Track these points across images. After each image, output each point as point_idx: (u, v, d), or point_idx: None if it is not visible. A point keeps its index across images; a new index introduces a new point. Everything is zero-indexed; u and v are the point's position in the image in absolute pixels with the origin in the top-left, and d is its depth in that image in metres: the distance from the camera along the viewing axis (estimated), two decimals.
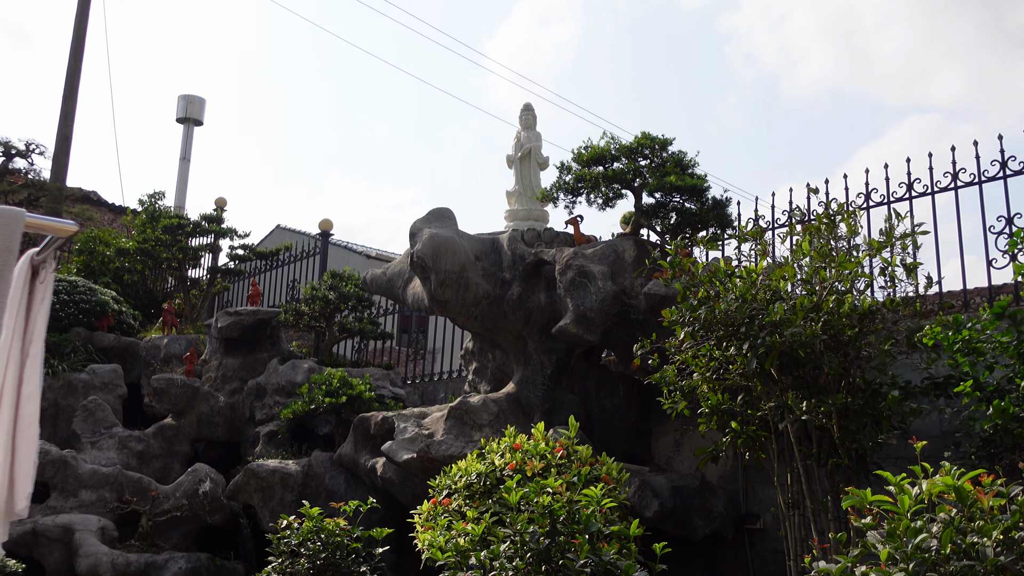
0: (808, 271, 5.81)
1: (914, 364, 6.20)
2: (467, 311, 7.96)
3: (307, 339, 13.80)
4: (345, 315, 11.70)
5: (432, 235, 7.78)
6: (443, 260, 7.70)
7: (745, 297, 5.62)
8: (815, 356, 5.32)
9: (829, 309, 5.44)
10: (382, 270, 9.15)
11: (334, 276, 11.64)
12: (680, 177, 7.57)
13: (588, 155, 7.99)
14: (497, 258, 8.17)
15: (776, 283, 5.69)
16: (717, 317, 5.62)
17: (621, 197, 8.06)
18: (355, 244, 21.65)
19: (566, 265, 7.53)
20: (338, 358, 11.73)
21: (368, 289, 9.41)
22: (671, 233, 7.85)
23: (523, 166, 9.03)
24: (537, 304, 7.98)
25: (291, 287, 14.00)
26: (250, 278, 14.79)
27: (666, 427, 8.20)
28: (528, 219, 8.81)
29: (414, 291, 8.47)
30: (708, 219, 7.70)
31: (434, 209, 8.33)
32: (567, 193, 8.13)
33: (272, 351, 11.40)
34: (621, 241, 7.75)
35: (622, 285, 7.38)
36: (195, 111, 21.85)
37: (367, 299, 11.59)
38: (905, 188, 7.73)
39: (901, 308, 5.42)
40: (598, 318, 7.31)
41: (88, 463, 9.62)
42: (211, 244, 14.58)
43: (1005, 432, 5.11)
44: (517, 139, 9.21)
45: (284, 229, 22.06)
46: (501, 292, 8.00)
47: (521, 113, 9.32)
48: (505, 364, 8.74)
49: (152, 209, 14.96)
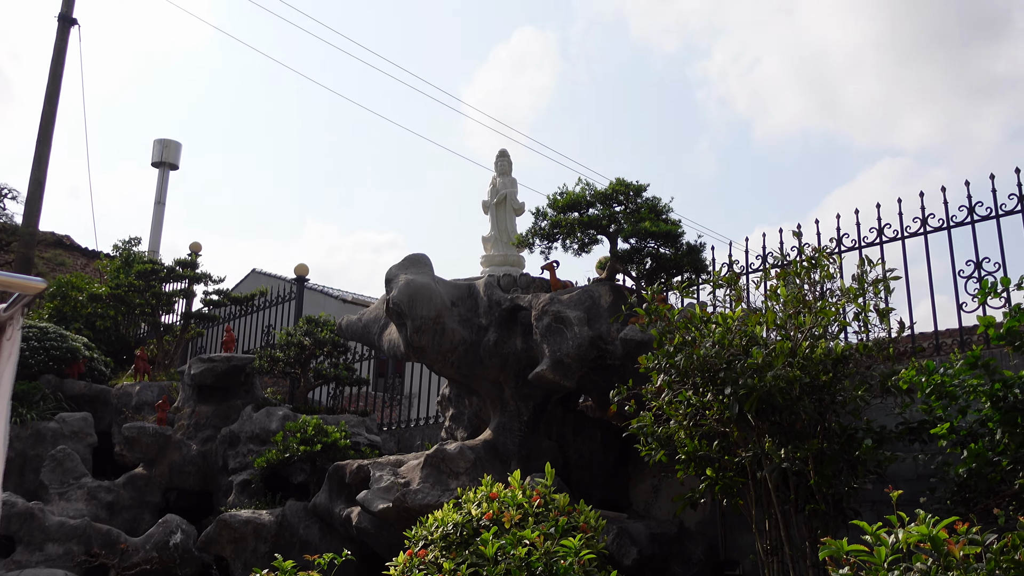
0: (783, 316, 5.86)
1: (888, 408, 6.24)
2: (443, 357, 7.93)
3: (282, 385, 13.67)
4: (320, 361, 11.63)
5: (408, 281, 7.78)
6: (419, 306, 7.69)
7: (723, 343, 5.65)
8: (792, 401, 5.35)
9: (805, 354, 5.48)
10: (358, 316, 9.11)
11: (310, 322, 11.59)
12: (655, 223, 7.63)
13: (564, 201, 8.05)
14: (473, 304, 8.16)
15: (752, 329, 5.73)
16: (695, 363, 5.64)
17: (597, 243, 8.12)
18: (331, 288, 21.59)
19: (542, 311, 7.54)
20: (313, 404, 11.63)
21: (344, 335, 9.37)
22: (646, 278, 7.89)
23: (499, 212, 9.08)
24: (514, 350, 7.97)
25: (266, 333, 13.90)
26: (224, 324, 14.67)
27: (644, 473, 8.16)
28: (504, 265, 8.84)
29: (390, 337, 8.44)
30: (683, 264, 7.75)
31: (410, 255, 8.33)
32: (543, 239, 8.17)
33: (246, 398, 11.28)
34: (597, 287, 7.77)
35: (598, 331, 7.39)
36: (171, 155, 21.82)
37: (343, 345, 11.53)
38: (876, 233, 7.85)
39: (875, 352, 5.47)
40: (575, 364, 7.31)
41: (55, 515, 9.42)
42: (185, 289, 14.47)
43: (979, 476, 5.14)
44: (493, 185, 9.27)
45: (259, 274, 21.96)
46: (477, 338, 7.99)
47: (497, 159, 9.38)
48: (482, 410, 8.70)
49: (126, 254, 14.86)
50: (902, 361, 5.96)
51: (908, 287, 7.58)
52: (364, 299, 20.65)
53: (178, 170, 22.05)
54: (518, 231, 8.89)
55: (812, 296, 5.98)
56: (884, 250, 7.76)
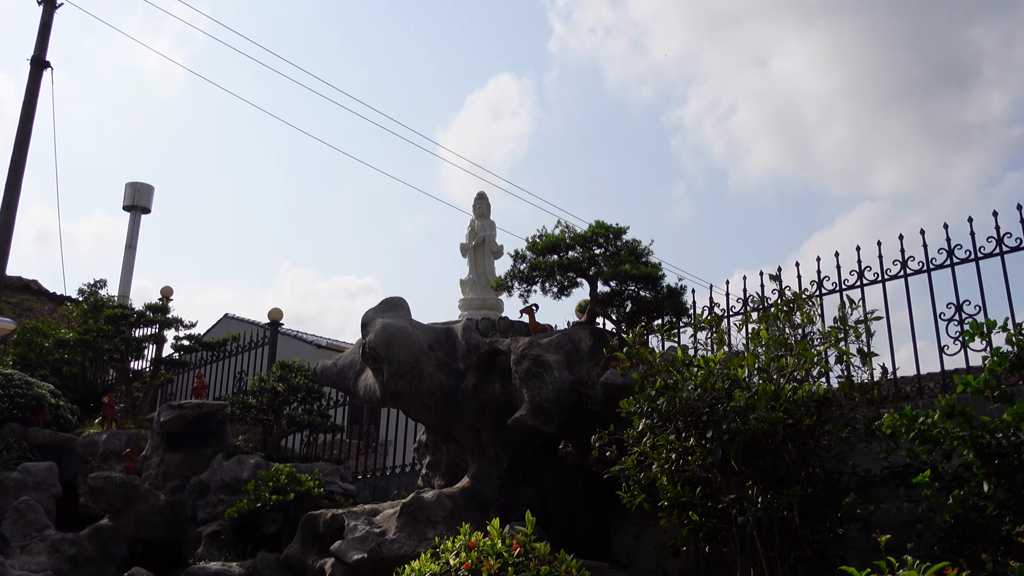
0: (766, 359, 5.86)
1: (873, 453, 6.22)
2: (421, 403, 7.86)
3: (254, 433, 13.52)
4: (294, 407, 11.52)
5: (385, 325, 7.73)
6: (396, 351, 7.63)
7: (705, 385, 5.64)
8: (776, 445, 5.33)
9: (788, 396, 5.48)
10: (333, 361, 9.04)
11: (283, 367, 11.49)
12: (635, 265, 7.66)
13: (543, 243, 8.07)
14: (451, 348, 8.12)
15: (735, 372, 5.73)
16: (678, 406, 5.62)
17: (576, 285, 8.13)
18: (306, 334, 21.49)
19: (521, 355, 7.51)
20: (286, 452, 11.48)
21: (318, 381, 9.28)
22: (627, 321, 7.91)
23: (477, 255, 9.08)
24: (492, 395, 7.91)
25: (238, 379, 13.77)
26: (195, 370, 14.50)
27: (626, 520, 8.06)
28: (483, 308, 8.83)
29: (366, 382, 8.36)
30: (663, 307, 7.77)
31: (387, 299, 8.29)
32: (522, 282, 8.17)
33: (217, 446, 11.11)
34: (577, 330, 7.76)
35: (579, 375, 7.37)
36: (143, 198, 21.71)
37: (317, 391, 11.43)
38: (856, 276, 7.92)
39: (857, 395, 5.48)
40: (555, 409, 7.27)
41: (17, 569, 9.16)
42: (155, 335, 14.34)
43: (966, 522, 5.12)
44: (471, 228, 9.29)
45: (232, 319, 21.82)
46: (455, 383, 7.94)
47: (475, 202, 9.41)
48: (460, 457, 8.60)
49: (93, 299, 14.70)
50: (885, 404, 5.96)
51: (890, 330, 7.64)
52: (339, 344, 20.56)
53: (150, 214, 21.94)
54: (496, 274, 8.90)
55: (794, 339, 6.01)
56: (865, 292, 7.83)
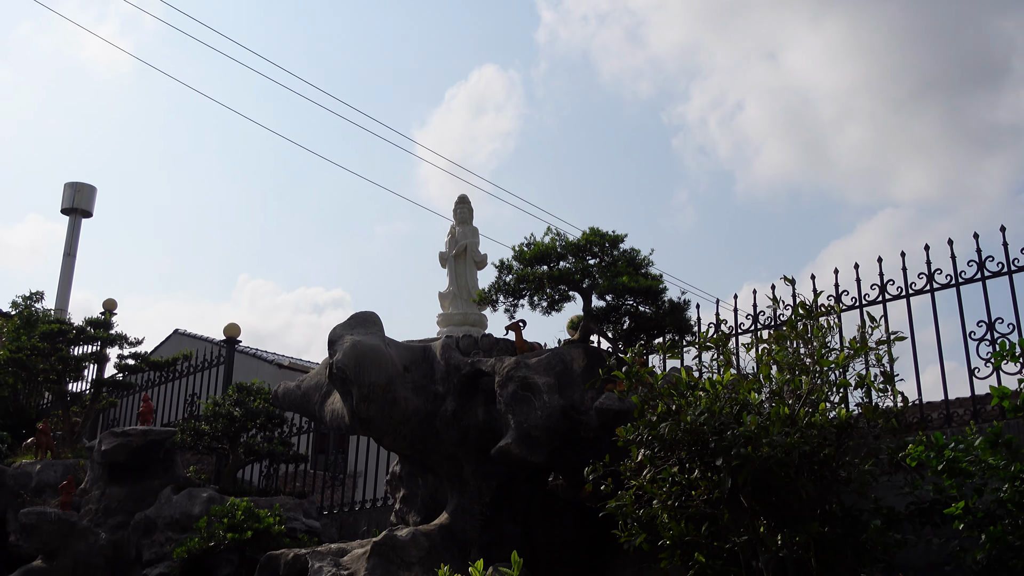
0: (778, 381, 5.87)
1: (896, 486, 6.24)
2: (394, 430, 7.86)
3: (207, 463, 13.47)
4: (252, 435, 11.48)
5: (354, 343, 7.73)
6: (367, 371, 7.63)
7: (712, 410, 5.64)
8: (790, 478, 5.32)
9: (804, 422, 5.47)
10: (296, 383, 9.03)
11: (240, 390, 11.47)
12: (633, 278, 7.69)
13: (531, 253, 8.09)
14: (429, 369, 8.13)
15: (744, 395, 5.73)
16: (681, 434, 5.61)
17: (568, 300, 8.14)
18: (266, 352, 21.48)
19: (507, 376, 7.52)
20: (243, 485, 11.46)
21: (280, 405, 9.26)
22: (625, 340, 7.94)
23: (458, 265, 9.11)
24: (474, 421, 7.92)
25: (190, 402, 13.72)
26: (142, 392, 14.43)
27: (623, 562, 8.06)
28: (464, 324, 8.85)
29: (333, 407, 8.35)
30: (665, 324, 7.80)
31: (357, 313, 8.28)
32: (507, 295, 8.17)
33: (165, 478, 11.05)
34: (569, 349, 7.77)
35: (571, 399, 7.38)
36: (83, 200, 21.61)
37: (278, 416, 11.42)
38: (878, 290, 7.96)
39: (881, 422, 5.48)
40: (544, 437, 7.28)
41: None
42: (97, 353, 14.26)
43: (999, 564, 5.14)
44: (452, 235, 9.32)
45: (184, 335, 21.76)
46: (433, 408, 7.94)
47: (456, 206, 9.44)
48: (438, 491, 8.60)
49: (27, 313, 14.64)
50: (910, 432, 5.97)
51: (915, 350, 7.67)
52: (303, 364, 20.56)
53: (91, 218, 21.87)
54: (480, 287, 8.93)
55: (809, 360, 6.02)
56: (887, 308, 7.87)
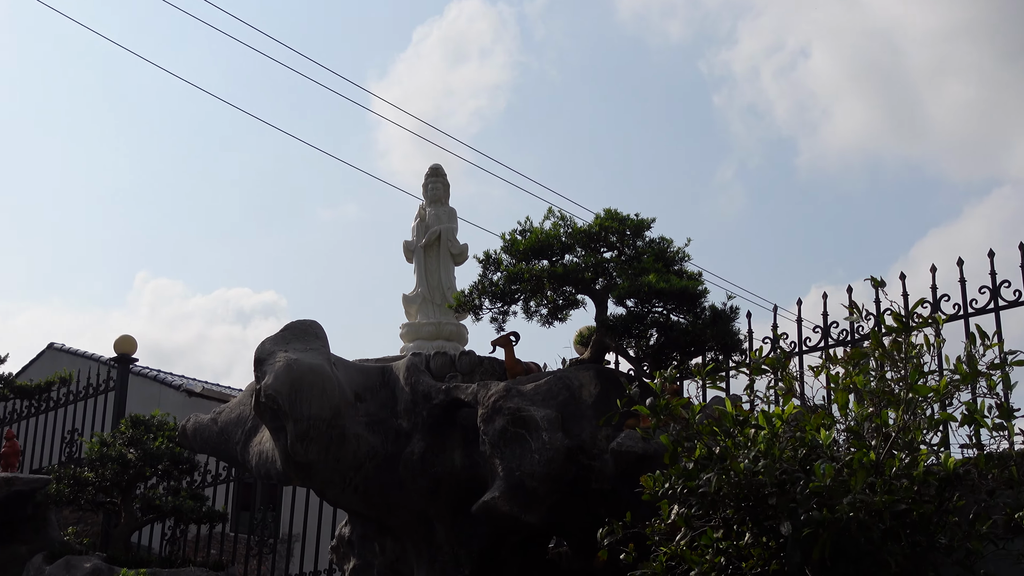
0: (858, 415, 5.84)
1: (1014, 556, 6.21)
2: (343, 478, 7.86)
3: (92, 522, 13.46)
4: (152, 485, 11.48)
5: (290, 363, 7.70)
6: (306, 400, 7.61)
7: (771, 454, 5.61)
8: (873, 545, 5.30)
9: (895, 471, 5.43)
10: (212, 416, 9.03)
11: (137, 424, 11.45)
12: (663, 276, 7.65)
13: (527, 243, 8.07)
14: (389, 397, 8.14)
15: (812, 434, 5.70)
16: (728, 486, 5.58)
17: (576, 306, 8.16)
18: (172, 375, 21.44)
19: (494, 408, 7.49)
20: (140, 552, 11.45)
21: (189, 445, 9.25)
22: (651, 359, 7.92)
23: (429, 259, 9.13)
24: (450, 467, 7.93)
25: (69, 441, 13.67)
26: (4, 427, 14.38)
27: None
28: (437, 338, 8.86)
29: (261, 448, 8.34)
30: (706, 339, 7.78)
31: (294, 323, 8.29)
32: (495, 299, 8.19)
33: (35, 543, 11.05)
34: (577, 372, 7.77)
35: (579, 438, 7.39)
36: None
37: (187, 460, 11.41)
38: (989, 294, 7.92)
39: (995, 472, 5.45)
40: (542, 489, 7.28)
41: None
42: None
43: None
44: (420, 218, 9.32)
45: (61, 351, 21.72)
46: (395, 449, 7.94)
47: (427, 180, 9.44)
48: (401, 559, 8.62)
49: None
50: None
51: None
52: (222, 391, 20.53)
53: None
54: (458, 288, 8.90)
55: (900, 386, 5.99)
56: (1001, 318, 7.81)
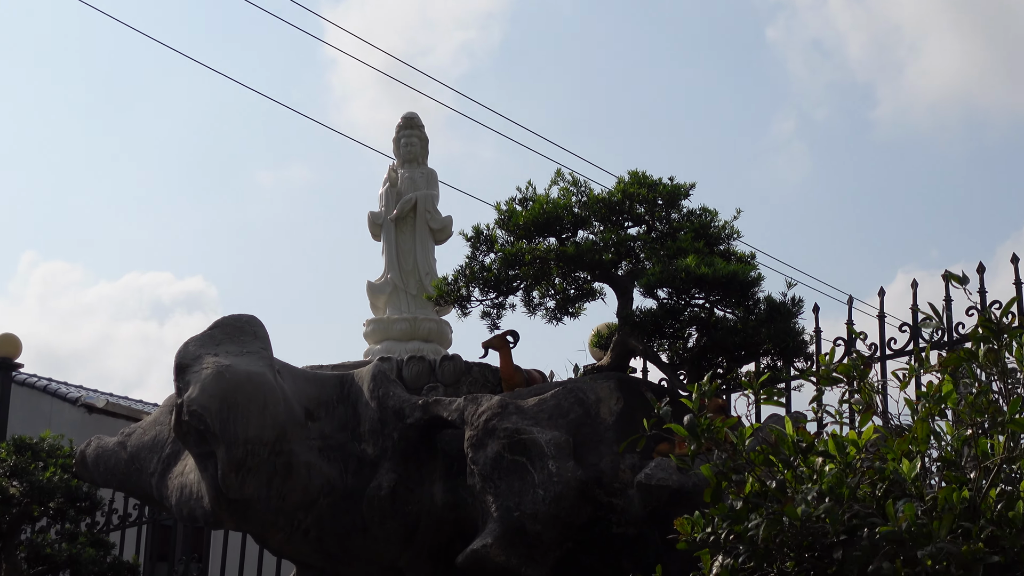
0: (954, 441, 5.76)
1: None
2: (289, 520, 7.91)
3: None
4: (42, 528, 11.57)
5: (221, 371, 7.66)
6: (242, 419, 7.60)
7: (839, 493, 5.51)
8: None
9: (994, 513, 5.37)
10: (119, 438, 9.01)
11: (21, 449, 11.53)
12: (706, 259, 7.74)
13: (528, 215, 8.14)
14: (350, 415, 8.23)
15: (894, 465, 5.62)
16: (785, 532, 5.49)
17: (592, 296, 8.32)
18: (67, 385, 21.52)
19: (486, 429, 7.56)
20: None
21: (90, 476, 9.26)
22: (689, 367, 8.00)
23: (402, 235, 9.19)
24: (428, 506, 8.05)
25: None
26: None
27: None
28: (411, 338, 8.96)
29: (183, 480, 8.30)
30: (759, 340, 7.86)
31: (226, 318, 8.34)
32: (487, 287, 8.29)
33: None
34: (593, 383, 7.84)
35: (596, 469, 7.53)
36: None
37: (87, 495, 11.46)
38: None
39: None
40: (547, 533, 7.36)
41: None
42: None
43: None
44: (390, 183, 9.37)
45: None
46: (357, 483, 8.02)
47: (399, 133, 9.50)
48: None
49: None
50: None
51: None
52: (132, 406, 20.74)
53: None
54: (439, 273, 8.99)
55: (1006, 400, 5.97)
56: None
